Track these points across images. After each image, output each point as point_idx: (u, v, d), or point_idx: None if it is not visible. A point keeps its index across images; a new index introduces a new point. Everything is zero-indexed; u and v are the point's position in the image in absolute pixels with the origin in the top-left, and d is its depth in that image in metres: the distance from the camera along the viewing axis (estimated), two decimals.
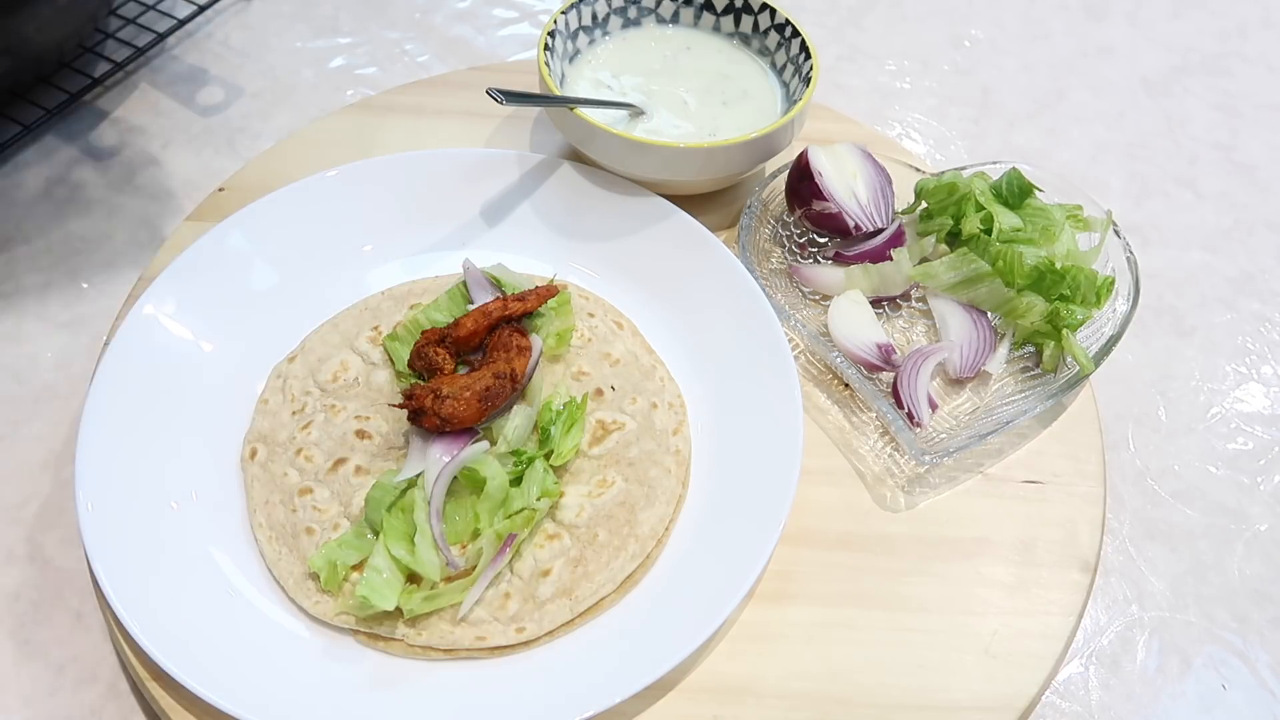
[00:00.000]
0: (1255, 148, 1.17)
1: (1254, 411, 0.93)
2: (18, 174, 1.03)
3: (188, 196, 1.02)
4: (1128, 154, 1.15)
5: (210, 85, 1.14)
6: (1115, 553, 0.82)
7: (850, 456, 0.82)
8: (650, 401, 0.80)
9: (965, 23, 1.30)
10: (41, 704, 0.71)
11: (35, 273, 0.95)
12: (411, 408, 0.74)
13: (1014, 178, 0.89)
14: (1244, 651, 0.78)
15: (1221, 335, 0.98)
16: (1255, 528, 0.85)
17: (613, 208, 0.91)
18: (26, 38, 0.97)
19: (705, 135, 0.93)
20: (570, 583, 0.71)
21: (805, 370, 0.87)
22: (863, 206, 0.90)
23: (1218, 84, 1.25)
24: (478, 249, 0.90)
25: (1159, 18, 1.34)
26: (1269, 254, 1.05)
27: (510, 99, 0.79)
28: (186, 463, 0.76)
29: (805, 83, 0.92)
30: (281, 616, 0.70)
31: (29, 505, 0.80)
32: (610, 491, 0.75)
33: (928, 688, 0.70)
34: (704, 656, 0.70)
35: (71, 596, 0.76)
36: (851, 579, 0.75)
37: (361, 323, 0.85)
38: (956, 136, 1.16)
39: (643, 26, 1.01)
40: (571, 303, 0.85)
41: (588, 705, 0.64)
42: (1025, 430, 0.83)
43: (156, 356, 0.79)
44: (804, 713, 0.68)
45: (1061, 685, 0.75)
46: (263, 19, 1.23)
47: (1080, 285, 0.84)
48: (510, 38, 1.24)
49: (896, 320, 0.90)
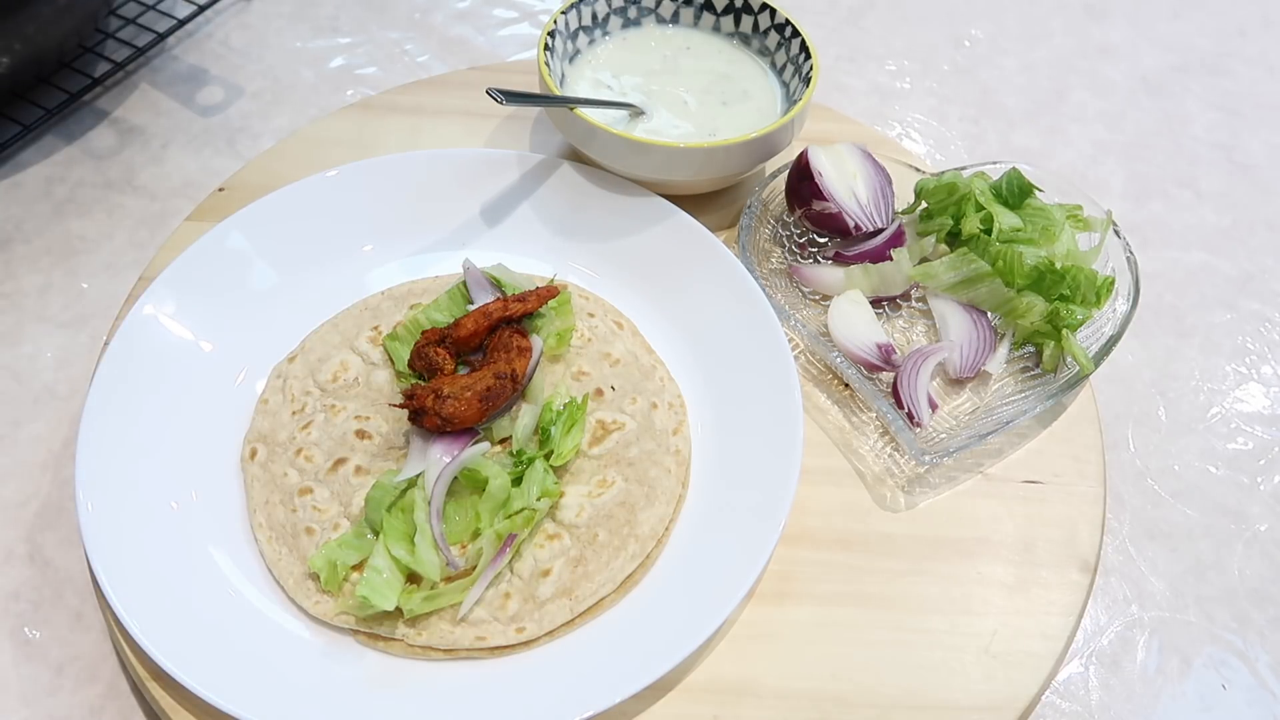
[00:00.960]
0: (1255, 148, 1.17)
1: (1254, 411, 0.93)
2: (18, 174, 1.03)
3: (188, 196, 1.02)
4: (1128, 154, 1.15)
5: (210, 85, 1.14)
6: (1115, 553, 0.82)
7: (850, 456, 0.82)
8: (650, 401, 0.80)
9: (965, 23, 1.30)
10: (41, 704, 0.71)
11: (35, 273, 0.95)
12: (412, 408, 0.74)
13: (1014, 178, 0.89)
14: (1244, 651, 0.78)
15: (1221, 335, 0.98)
16: (1255, 528, 0.85)
17: (613, 208, 0.91)
18: (27, 38, 0.97)
19: (705, 135, 0.93)
20: (570, 583, 0.71)
21: (805, 370, 0.87)
22: (863, 206, 0.90)
23: (1218, 84, 1.25)
24: (478, 249, 0.90)
25: (1159, 18, 1.34)
26: (1269, 254, 1.05)
27: (510, 99, 0.79)
28: (186, 463, 0.76)
29: (805, 83, 0.92)
30: (281, 616, 0.70)
31: (29, 505, 0.80)
32: (610, 491, 0.75)
33: (928, 688, 0.70)
34: (704, 656, 0.70)
35: (71, 596, 0.76)
36: (851, 579, 0.75)
37: (361, 323, 0.85)
38: (956, 136, 1.16)
39: (643, 26, 1.01)
40: (571, 303, 0.85)
41: (588, 705, 0.64)
42: (1025, 430, 0.83)
43: (156, 356, 0.79)
44: (804, 713, 0.68)
45: (1061, 685, 0.75)
46: (263, 19, 1.23)
47: (1080, 285, 0.84)
48: (510, 38, 1.24)
49: (896, 320, 0.90)
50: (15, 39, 0.96)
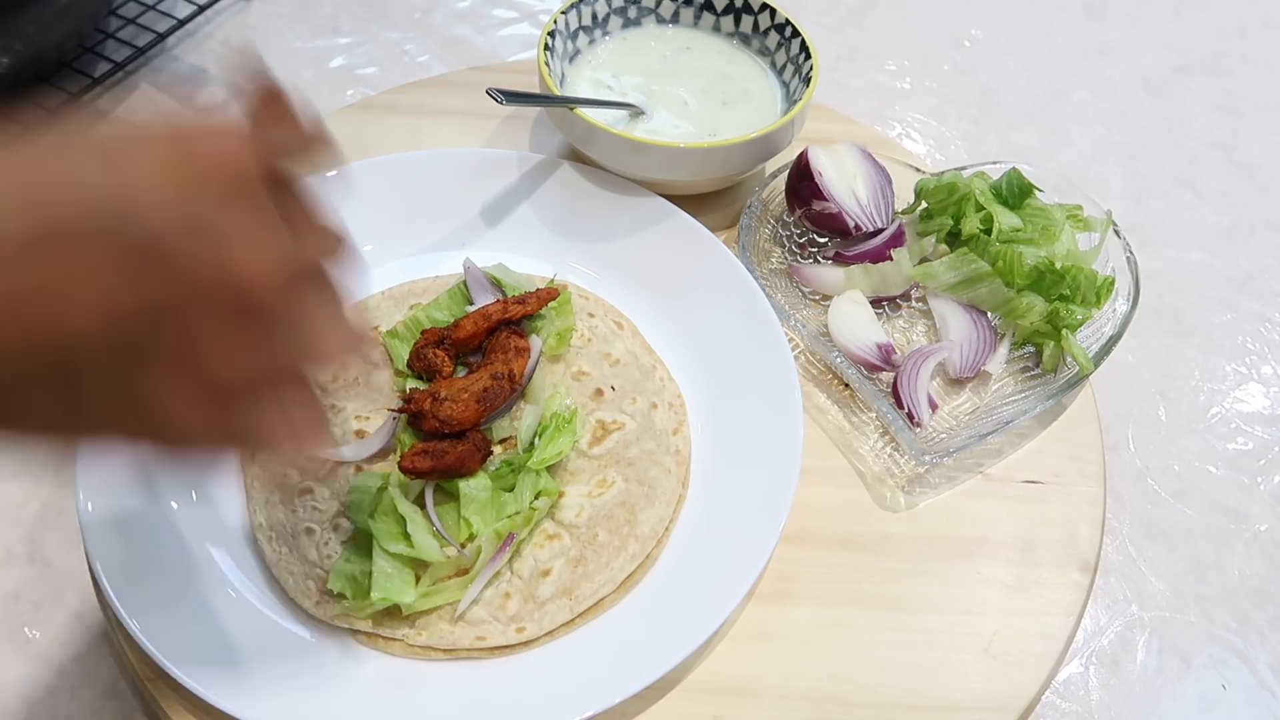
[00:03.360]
0: (1255, 148, 1.17)
1: (1254, 411, 0.93)
2: None
3: None
4: (1128, 154, 1.15)
5: (210, 85, 1.14)
6: (1115, 553, 0.82)
7: (850, 456, 0.82)
8: (650, 401, 0.80)
9: (965, 23, 1.30)
10: (41, 704, 0.71)
11: None
12: (410, 411, 0.74)
13: (1014, 178, 0.89)
14: (1244, 651, 0.78)
15: (1221, 335, 0.98)
16: (1255, 528, 0.85)
17: (613, 208, 0.91)
18: (27, 38, 0.97)
19: (705, 135, 0.93)
20: (570, 583, 0.71)
21: (805, 370, 0.87)
22: (863, 206, 0.90)
23: (1218, 84, 1.25)
24: (478, 249, 0.90)
25: (1159, 18, 1.34)
26: (1269, 254, 1.05)
27: (510, 99, 0.79)
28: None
29: (805, 83, 0.92)
30: (281, 616, 0.70)
31: (29, 505, 0.80)
32: (610, 491, 0.75)
33: (927, 688, 0.70)
34: (704, 656, 0.70)
35: (71, 596, 0.76)
36: (851, 579, 0.75)
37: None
38: (956, 136, 1.16)
39: (643, 26, 1.01)
40: (572, 303, 0.85)
41: (588, 705, 0.64)
42: (1025, 430, 0.83)
43: None
44: (804, 713, 0.68)
45: (1061, 685, 0.75)
46: (263, 19, 1.23)
47: (1080, 285, 0.84)
48: (510, 38, 1.24)
49: (896, 320, 0.90)
50: (15, 39, 0.96)
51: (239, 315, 0.39)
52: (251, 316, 0.39)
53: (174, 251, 0.37)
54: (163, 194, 0.37)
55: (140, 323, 0.37)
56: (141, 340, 0.37)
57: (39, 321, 0.36)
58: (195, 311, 0.38)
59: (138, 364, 0.38)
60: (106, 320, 0.36)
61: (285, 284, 0.40)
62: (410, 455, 0.71)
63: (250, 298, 0.39)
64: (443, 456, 0.71)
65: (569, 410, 0.77)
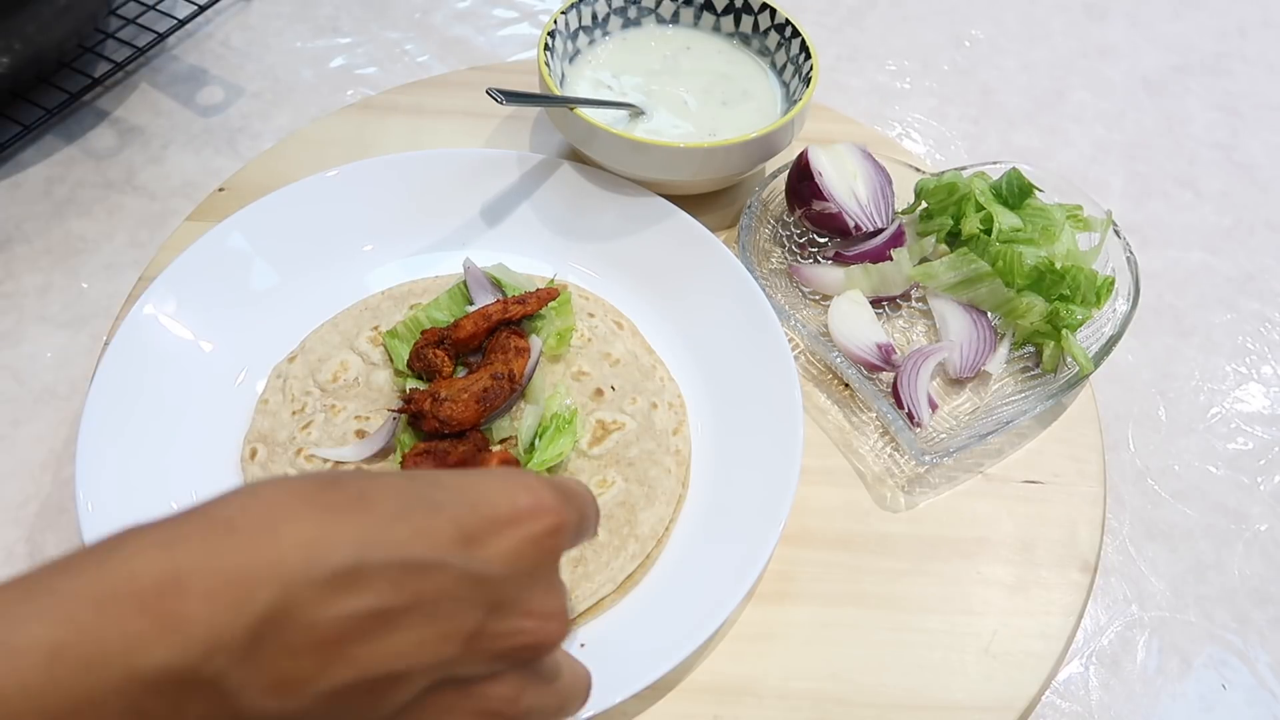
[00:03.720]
0: (1255, 148, 1.17)
1: (1254, 411, 0.93)
2: (18, 174, 1.03)
3: (188, 196, 1.02)
4: (1128, 154, 1.15)
5: (210, 85, 1.14)
6: (1115, 553, 0.82)
7: (850, 456, 0.82)
8: (650, 401, 0.80)
9: (965, 23, 1.30)
10: None
11: (35, 273, 0.95)
12: (410, 411, 0.74)
13: (1014, 178, 0.89)
14: (1244, 651, 0.78)
15: (1221, 335, 0.98)
16: (1255, 528, 0.85)
17: (613, 208, 0.91)
18: (27, 38, 0.97)
19: (705, 135, 0.93)
20: (570, 583, 0.71)
21: (805, 370, 0.87)
22: (863, 206, 0.90)
23: (1218, 84, 1.25)
24: (478, 249, 0.91)
25: (1159, 18, 1.34)
26: (1269, 254, 1.05)
27: (510, 99, 0.79)
28: (186, 463, 0.76)
29: (805, 83, 0.92)
30: None
31: (29, 505, 0.80)
32: (610, 491, 0.75)
33: (927, 688, 0.70)
34: (704, 656, 0.70)
35: None
36: (851, 579, 0.75)
37: (361, 323, 0.85)
38: (956, 136, 1.16)
39: (643, 26, 1.01)
40: (571, 303, 0.85)
41: (588, 705, 0.64)
42: (1025, 430, 0.83)
43: (156, 357, 0.79)
44: (804, 713, 0.68)
45: (1061, 685, 0.75)
46: (263, 19, 1.23)
47: (1080, 285, 0.84)
48: (510, 38, 1.24)
49: (896, 320, 0.90)
50: (15, 39, 0.96)
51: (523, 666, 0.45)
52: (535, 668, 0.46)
53: (502, 610, 0.42)
54: (509, 575, 0.42)
55: (458, 648, 0.41)
56: (453, 665, 0.41)
57: (378, 660, 0.39)
58: (490, 657, 0.43)
59: (443, 689, 0.42)
60: (437, 651, 0.41)
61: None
62: (413, 455, 0.71)
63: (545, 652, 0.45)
64: (445, 457, 0.71)
65: (569, 410, 0.77)
